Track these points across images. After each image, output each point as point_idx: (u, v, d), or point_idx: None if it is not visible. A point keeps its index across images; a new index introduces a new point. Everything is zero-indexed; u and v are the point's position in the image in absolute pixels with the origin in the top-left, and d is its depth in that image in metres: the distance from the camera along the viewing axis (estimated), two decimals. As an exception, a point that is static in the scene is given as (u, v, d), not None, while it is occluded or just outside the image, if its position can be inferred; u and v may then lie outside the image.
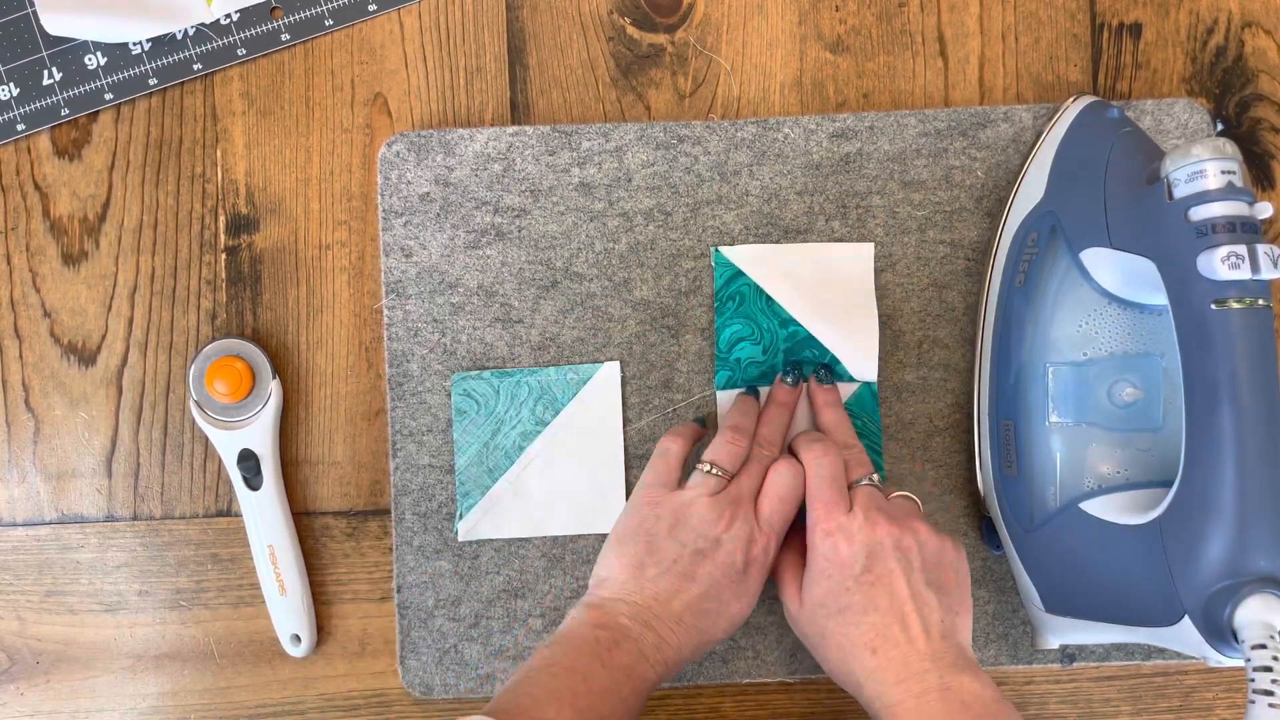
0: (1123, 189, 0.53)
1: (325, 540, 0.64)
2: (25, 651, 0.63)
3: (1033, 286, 0.58)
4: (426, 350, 0.62)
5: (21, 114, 0.63)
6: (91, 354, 0.64)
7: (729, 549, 0.55)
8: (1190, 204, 0.49)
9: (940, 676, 0.51)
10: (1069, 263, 0.56)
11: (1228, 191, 0.48)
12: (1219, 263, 0.47)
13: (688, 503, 0.56)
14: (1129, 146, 0.55)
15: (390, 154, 0.62)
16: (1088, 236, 0.55)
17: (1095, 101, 0.60)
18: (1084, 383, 0.57)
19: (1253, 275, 0.47)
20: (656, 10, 0.64)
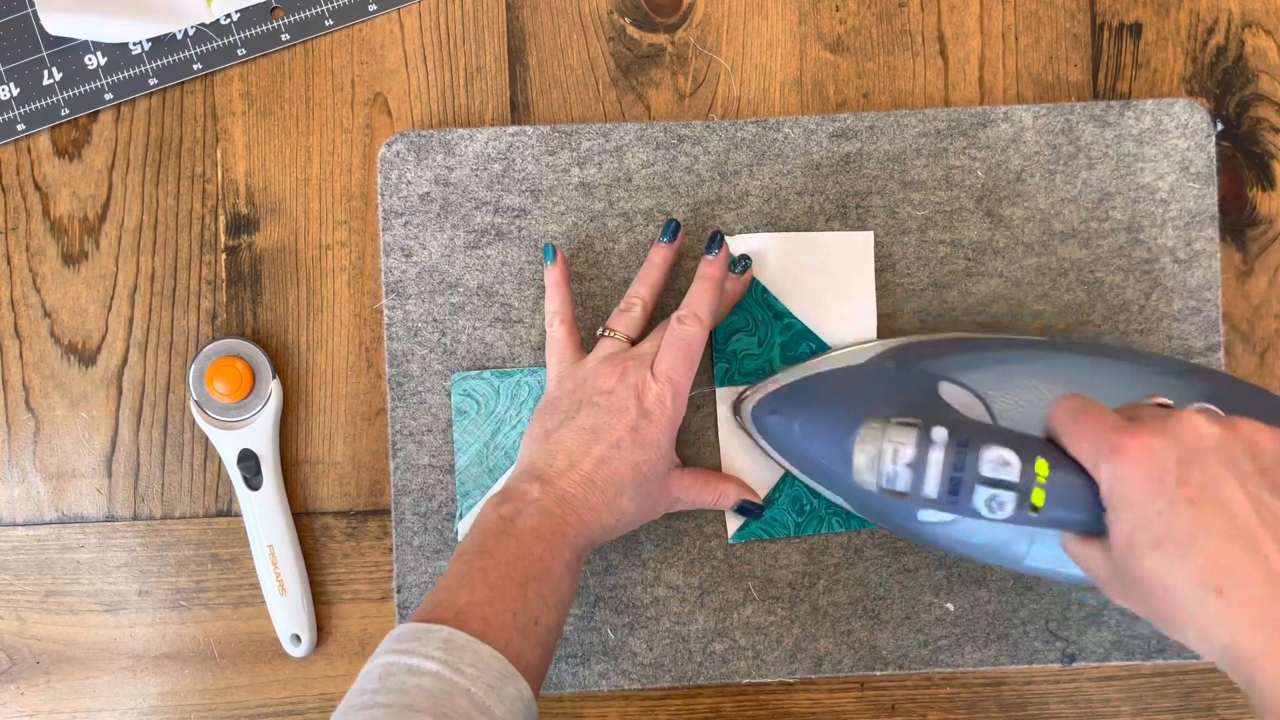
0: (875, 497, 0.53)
1: (325, 540, 0.64)
2: (25, 651, 0.63)
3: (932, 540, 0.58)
4: (426, 350, 0.62)
5: (21, 114, 0.63)
6: (91, 354, 0.64)
7: (620, 396, 0.55)
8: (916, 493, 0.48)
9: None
10: (924, 525, 0.57)
11: (914, 472, 0.47)
12: (988, 513, 0.47)
13: (586, 368, 0.57)
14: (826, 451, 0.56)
15: (390, 154, 0.62)
16: (906, 511, 0.56)
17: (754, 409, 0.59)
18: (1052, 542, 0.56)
19: (1015, 490, 0.46)
20: (656, 10, 0.64)
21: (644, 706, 0.63)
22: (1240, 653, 0.40)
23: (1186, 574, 0.41)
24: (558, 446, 0.55)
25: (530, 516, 0.52)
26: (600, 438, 0.54)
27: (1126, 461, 0.43)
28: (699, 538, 0.62)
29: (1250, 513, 0.41)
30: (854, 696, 0.63)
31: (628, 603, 0.62)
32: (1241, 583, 0.40)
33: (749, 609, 0.62)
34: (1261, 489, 0.42)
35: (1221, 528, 0.41)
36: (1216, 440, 0.43)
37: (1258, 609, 0.40)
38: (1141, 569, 0.43)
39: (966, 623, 0.62)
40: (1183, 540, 0.41)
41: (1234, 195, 0.64)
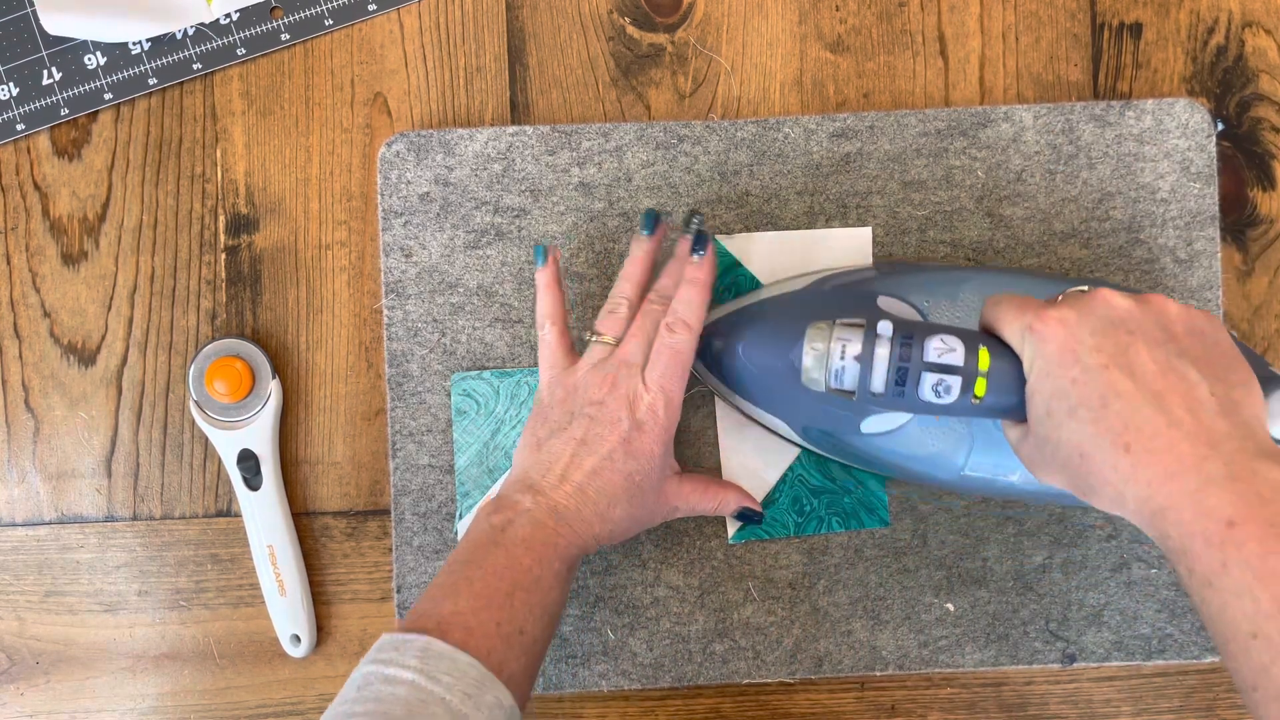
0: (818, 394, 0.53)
1: (325, 540, 0.64)
2: (25, 651, 0.63)
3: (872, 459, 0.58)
4: (426, 350, 0.62)
5: (21, 114, 0.63)
6: (91, 354, 0.64)
7: (614, 408, 0.54)
8: (862, 386, 0.50)
9: (1225, 464, 0.40)
10: (866, 438, 0.57)
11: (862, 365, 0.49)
12: (933, 398, 0.48)
13: (577, 375, 0.56)
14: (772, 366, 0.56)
15: (390, 154, 0.62)
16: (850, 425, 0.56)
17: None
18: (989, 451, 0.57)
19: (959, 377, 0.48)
20: (656, 10, 0.64)
21: (644, 707, 0.63)
22: (1151, 506, 0.41)
23: (1099, 436, 0.43)
24: (550, 457, 0.54)
25: (521, 527, 0.52)
26: (592, 449, 0.54)
27: (1044, 334, 0.45)
28: (699, 538, 0.62)
29: (1158, 375, 0.42)
30: (854, 697, 0.63)
31: (628, 603, 0.62)
32: (1149, 439, 0.42)
33: (749, 609, 0.62)
34: (1170, 354, 0.43)
35: (1130, 390, 0.42)
36: (1128, 311, 0.45)
37: (1164, 463, 0.41)
38: (1059, 437, 0.44)
39: (966, 623, 0.62)
40: (1095, 404, 0.43)
41: (1234, 195, 0.64)
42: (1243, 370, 0.44)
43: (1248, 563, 0.38)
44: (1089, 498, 0.45)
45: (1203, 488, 0.40)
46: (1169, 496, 0.41)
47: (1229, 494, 0.40)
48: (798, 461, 0.62)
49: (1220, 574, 0.39)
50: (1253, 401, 0.43)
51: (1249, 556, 0.38)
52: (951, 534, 0.62)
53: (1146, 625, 0.62)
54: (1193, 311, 0.46)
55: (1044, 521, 0.62)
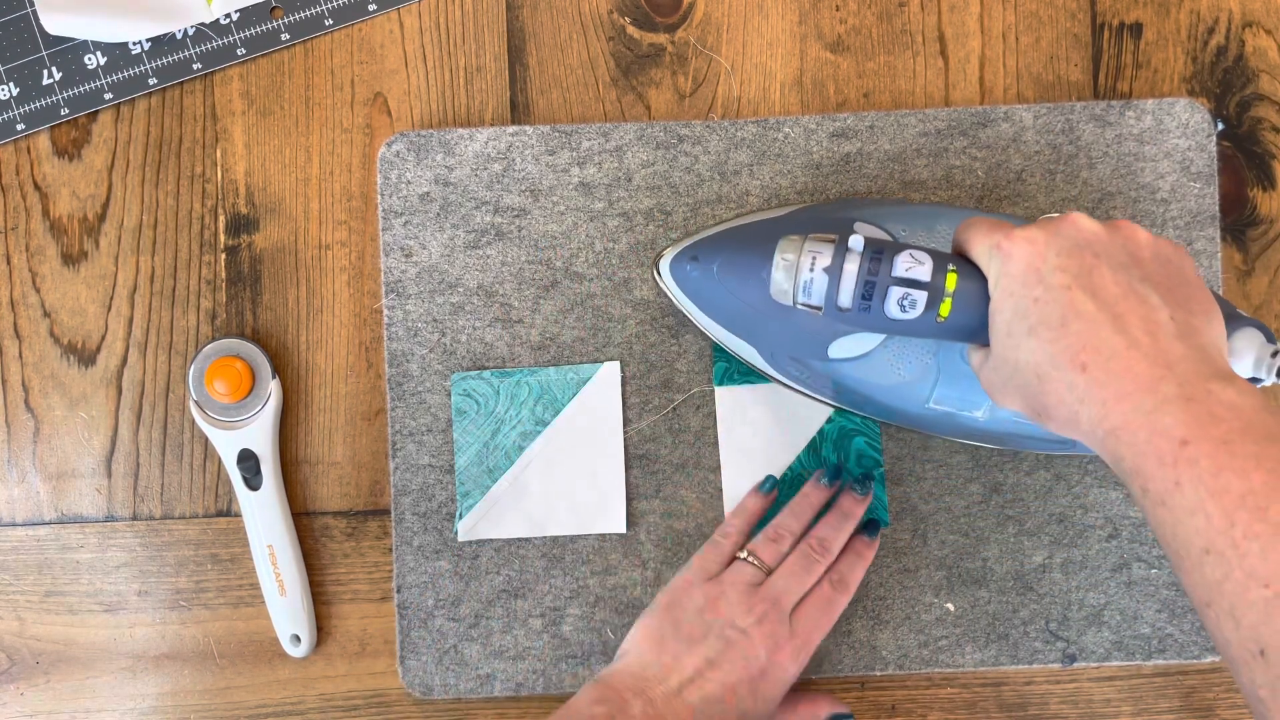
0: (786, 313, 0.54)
1: (325, 540, 0.64)
2: (25, 651, 0.63)
3: (839, 386, 0.58)
4: (426, 350, 0.62)
5: (21, 114, 0.63)
6: (91, 354, 0.64)
7: (754, 643, 0.54)
8: (830, 302, 0.50)
9: (1180, 386, 0.40)
10: (829, 363, 0.57)
11: (829, 277, 0.49)
12: (898, 312, 0.49)
13: (724, 590, 0.55)
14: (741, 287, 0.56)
15: (390, 154, 0.62)
16: (818, 347, 0.56)
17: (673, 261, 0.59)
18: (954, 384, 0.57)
19: (924, 292, 0.48)
20: (656, 10, 0.64)
21: (644, 707, 0.63)
22: (1105, 426, 0.42)
23: (1056, 355, 0.43)
24: (672, 662, 0.53)
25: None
26: (719, 675, 0.53)
27: (1011, 252, 0.45)
28: (699, 538, 0.62)
29: (1120, 298, 0.43)
30: (854, 696, 0.63)
31: (628, 603, 0.62)
32: (1106, 359, 0.42)
33: (749, 609, 0.62)
34: (1134, 279, 0.43)
35: (1091, 311, 0.42)
36: (1096, 235, 0.45)
37: (1120, 383, 0.41)
38: (1018, 357, 0.44)
39: (966, 623, 0.62)
40: (1055, 323, 0.43)
41: (1234, 195, 0.64)
42: (1205, 300, 0.44)
43: (1200, 480, 0.39)
44: (1043, 420, 0.45)
45: (1158, 408, 0.40)
46: (1123, 416, 0.41)
47: (1183, 414, 0.40)
48: (797, 462, 0.62)
49: (1173, 492, 0.40)
50: (1212, 329, 0.43)
51: (1201, 474, 0.39)
52: (951, 534, 0.62)
53: (1146, 625, 0.62)
54: (1161, 241, 0.46)
55: (1044, 521, 0.62)
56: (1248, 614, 0.37)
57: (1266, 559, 0.37)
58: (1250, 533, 0.37)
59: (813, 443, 0.62)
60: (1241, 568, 0.38)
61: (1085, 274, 0.43)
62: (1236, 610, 0.38)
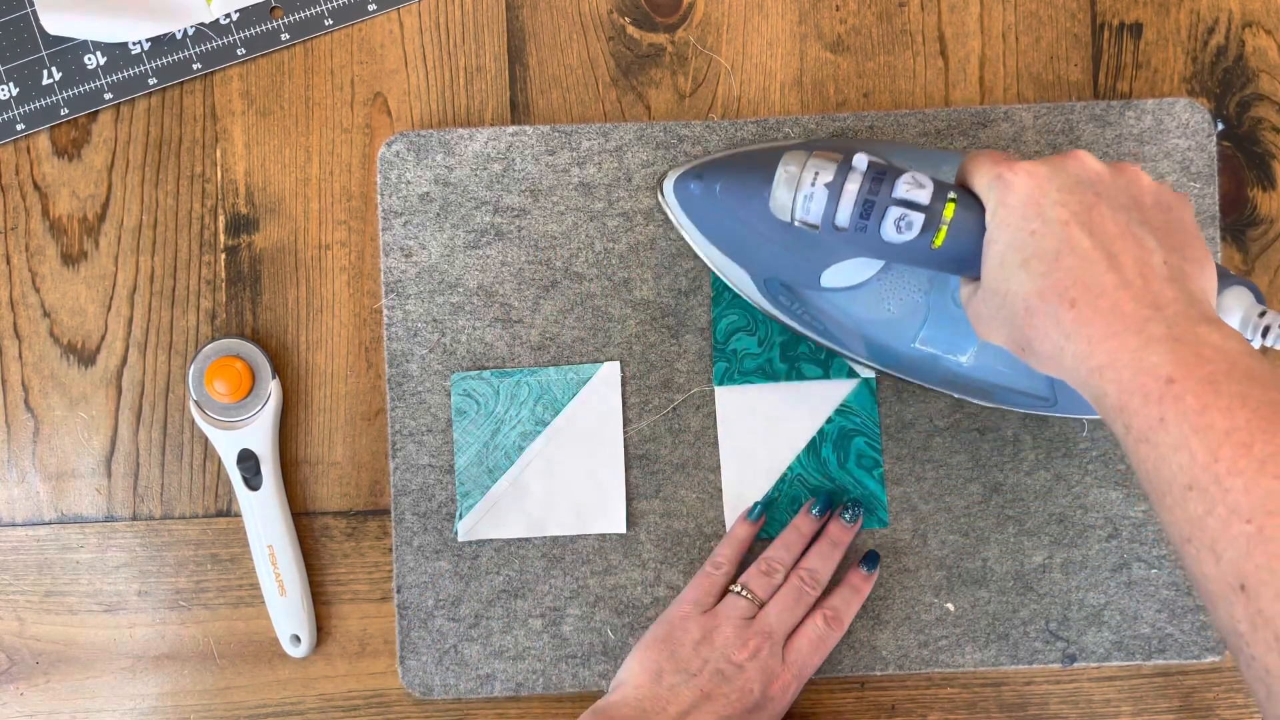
0: (782, 235, 0.54)
1: (325, 540, 0.64)
2: (25, 651, 0.63)
3: (824, 322, 0.58)
4: (426, 350, 0.62)
5: (21, 114, 0.63)
6: (91, 354, 0.64)
7: (749, 677, 0.55)
8: (828, 221, 0.50)
9: (1168, 326, 0.41)
10: (822, 293, 0.57)
11: (830, 192, 0.50)
12: (895, 234, 0.49)
13: (718, 623, 0.56)
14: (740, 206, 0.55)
15: (390, 154, 0.62)
16: (810, 274, 0.56)
17: (676, 181, 0.59)
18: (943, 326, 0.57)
19: (923, 215, 0.48)
20: (656, 10, 0.64)
21: (644, 707, 0.63)
22: (1090, 363, 0.42)
23: (1047, 289, 0.43)
24: (669, 695, 0.54)
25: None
26: (715, 709, 0.54)
27: (1012, 183, 0.45)
28: (699, 538, 0.62)
29: (1116, 237, 0.43)
30: (854, 696, 0.63)
31: (628, 603, 0.62)
32: (1096, 296, 0.42)
33: (749, 609, 0.62)
34: (1132, 220, 0.43)
35: (1086, 247, 0.43)
36: (1099, 174, 0.45)
37: (1108, 321, 0.42)
38: (1008, 288, 0.44)
39: (966, 623, 0.62)
40: (1048, 257, 0.43)
41: (1234, 195, 0.64)
42: (1200, 249, 0.45)
43: (1185, 416, 0.39)
44: (1028, 356, 0.45)
45: (1145, 346, 0.41)
46: (1109, 354, 0.41)
47: (1170, 353, 0.40)
48: (797, 461, 0.62)
49: (1157, 429, 0.40)
50: (1204, 276, 0.44)
51: (1186, 410, 0.39)
52: (951, 534, 0.62)
53: (1146, 625, 0.62)
54: (1163, 187, 0.46)
55: (1044, 521, 0.62)
56: (1229, 549, 0.38)
57: (1249, 494, 0.37)
58: (1234, 469, 0.38)
59: (812, 442, 0.62)
60: (1224, 503, 0.38)
61: (1085, 211, 0.43)
62: (1218, 545, 0.38)
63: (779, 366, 0.62)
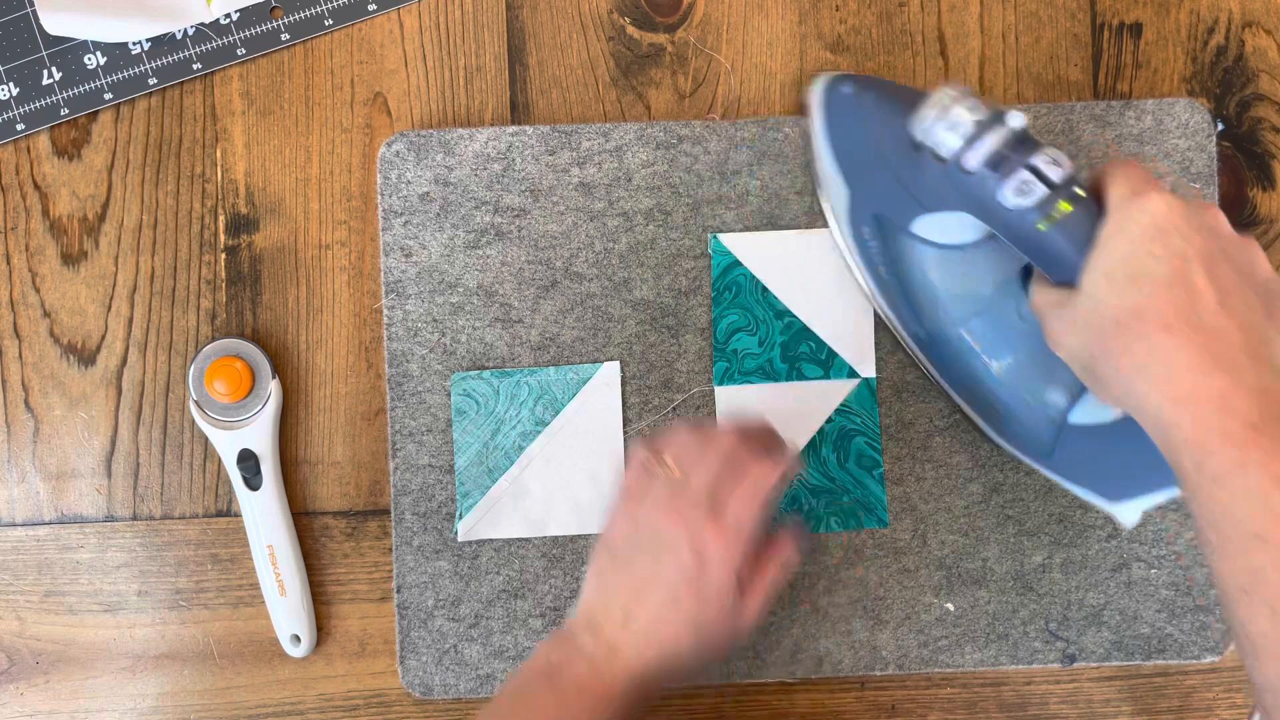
0: (903, 160, 0.54)
1: (325, 540, 0.64)
2: (25, 651, 0.63)
3: (896, 272, 0.58)
4: (426, 350, 0.62)
5: (21, 114, 0.63)
6: (91, 354, 0.64)
7: (680, 545, 0.52)
8: (957, 159, 0.51)
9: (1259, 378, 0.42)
10: (909, 239, 0.57)
11: (979, 129, 0.50)
12: (1014, 197, 0.49)
13: (645, 508, 0.54)
14: (880, 118, 0.56)
15: (390, 154, 0.62)
16: (907, 213, 0.56)
17: (829, 81, 0.59)
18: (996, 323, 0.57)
19: (1049, 190, 0.49)
20: (656, 10, 0.64)
21: (644, 706, 0.63)
22: (1171, 391, 0.42)
23: (1146, 309, 0.43)
24: (612, 593, 0.53)
25: (577, 669, 0.51)
26: (655, 590, 0.51)
27: (1149, 204, 0.46)
28: (699, 538, 0.62)
29: (1229, 290, 0.44)
30: (854, 696, 0.63)
31: (628, 603, 0.62)
32: (1194, 330, 0.43)
33: (749, 609, 0.62)
34: (1248, 287, 0.44)
35: (1200, 286, 0.43)
36: (1230, 237, 0.46)
37: (1201, 355, 0.42)
38: (1106, 298, 0.45)
39: (966, 623, 0.62)
40: (1160, 281, 0.44)
41: (1234, 195, 0.64)
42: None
43: (1265, 466, 0.39)
44: (1095, 371, 0.46)
45: (1234, 388, 0.41)
46: (1194, 386, 0.42)
47: (1259, 401, 0.41)
48: (797, 462, 0.62)
49: (1235, 472, 0.40)
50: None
51: (1268, 459, 0.39)
52: (951, 534, 0.62)
53: (1146, 625, 0.62)
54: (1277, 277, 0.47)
55: (1044, 521, 0.62)
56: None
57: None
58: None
59: (813, 442, 0.62)
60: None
61: (1208, 256, 0.44)
62: (1275, 601, 0.38)
63: (779, 366, 0.62)
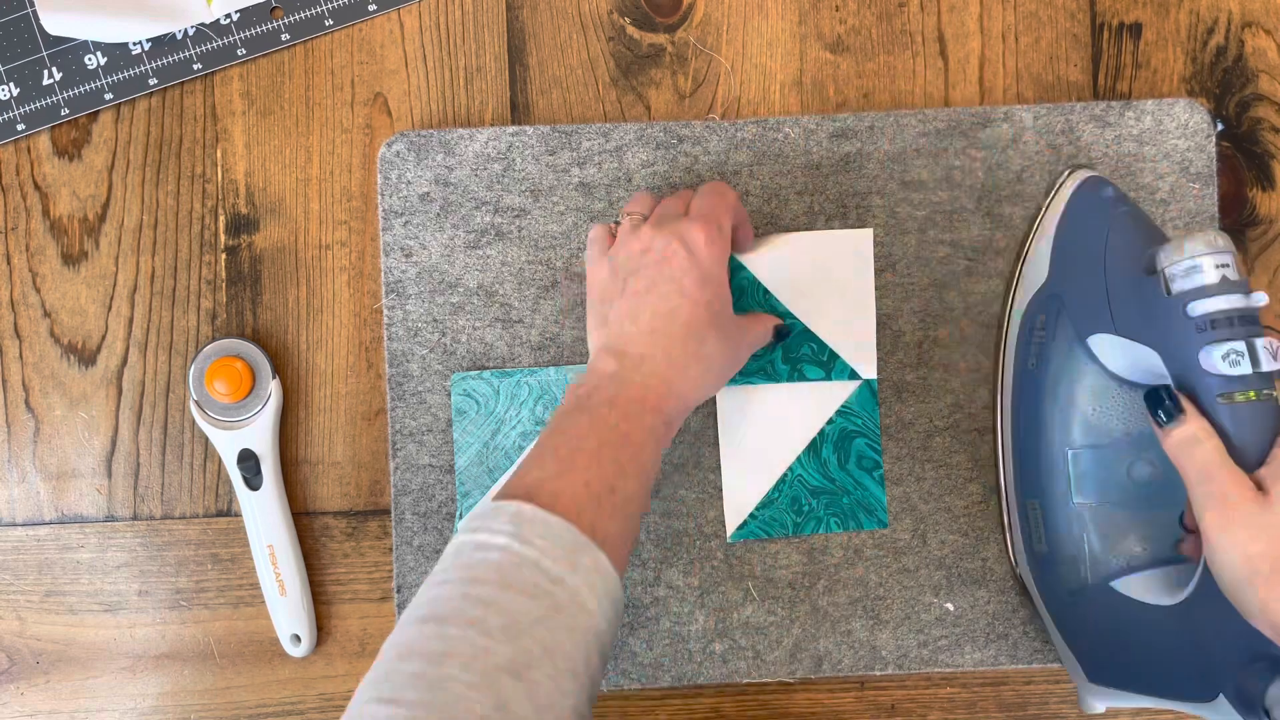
0: (1123, 276, 0.53)
1: (325, 540, 0.64)
2: (25, 651, 0.63)
3: (1045, 369, 0.58)
4: (426, 350, 0.62)
5: (21, 114, 0.63)
6: (91, 354, 0.64)
7: (663, 247, 0.52)
8: (1187, 299, 0.49)
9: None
10: (1078, 347, 0.56)
11: (1223, 286, 0.49)
12: (1220, 360, 0.48)
13: (618, 250, 0.55)
14: (1126, 228, 0.55)
15: (390, 154, 0.62)
16: (1093, 322, 0.55)
17: (1092, 178, 0.60)
18: (1103, 464, 0.57)
19: (1254, 370, 0.48)
20: (656, 10, 0.64)
21: (644, 706, 0.63)
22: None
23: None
24: (621, 317, 0.53)
25: (605, 389, 0.50)
26: (660, 291, 0.52)
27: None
28: (699, 538, 0.62)
29: None
30: (854, 696, 0.63)
31: (628, 602, 0.62)
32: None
33: (749, 609, 0.62)
34: None
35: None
36: None
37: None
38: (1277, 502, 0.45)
39: (966, 623, 0.62)
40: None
41: (1234, 195, 0.64)
42: None
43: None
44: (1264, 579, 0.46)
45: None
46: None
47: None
48: (797, 462, 0.62)
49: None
50: None
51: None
52: (951, 534, 0.62)
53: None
54: None
55: (1044, 521, 0.62)
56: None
57: None
58: None
59: (813, 443, 0.62)
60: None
61: None
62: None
63: (781, 368, 0.62)
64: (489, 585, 0.43)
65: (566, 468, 0.48)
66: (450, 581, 0.44)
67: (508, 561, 0.44)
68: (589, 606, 0.45)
